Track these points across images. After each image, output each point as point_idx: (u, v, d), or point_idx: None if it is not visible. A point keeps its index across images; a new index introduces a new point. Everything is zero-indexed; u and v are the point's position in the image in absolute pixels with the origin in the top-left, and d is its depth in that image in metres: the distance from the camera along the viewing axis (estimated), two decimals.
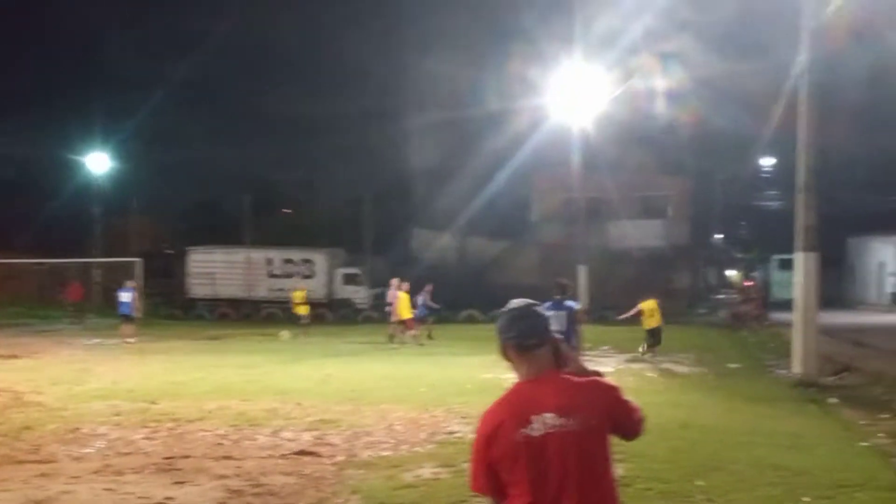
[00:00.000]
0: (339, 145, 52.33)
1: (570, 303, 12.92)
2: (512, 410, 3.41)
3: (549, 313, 9.54)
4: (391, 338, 26.39)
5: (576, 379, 3.51)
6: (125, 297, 27.68)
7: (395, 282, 27.20)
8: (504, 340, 3.55)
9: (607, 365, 20.04)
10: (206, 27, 70.40)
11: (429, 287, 28.17)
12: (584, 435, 3.37)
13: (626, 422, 3.59)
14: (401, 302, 26.10)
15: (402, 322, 26.26)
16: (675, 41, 32.66)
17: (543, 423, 3.36)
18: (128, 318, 27.60)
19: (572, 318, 12.65)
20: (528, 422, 3.36)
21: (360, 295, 42.22)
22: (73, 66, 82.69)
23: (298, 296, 32.48)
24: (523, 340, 3.51)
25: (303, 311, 31.62)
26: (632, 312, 22.49)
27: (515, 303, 3.67)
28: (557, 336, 3.64)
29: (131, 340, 26.67)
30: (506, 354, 3.57)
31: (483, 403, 3.54)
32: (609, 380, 3.64)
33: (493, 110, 41.78)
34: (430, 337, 27.38)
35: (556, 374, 3.50)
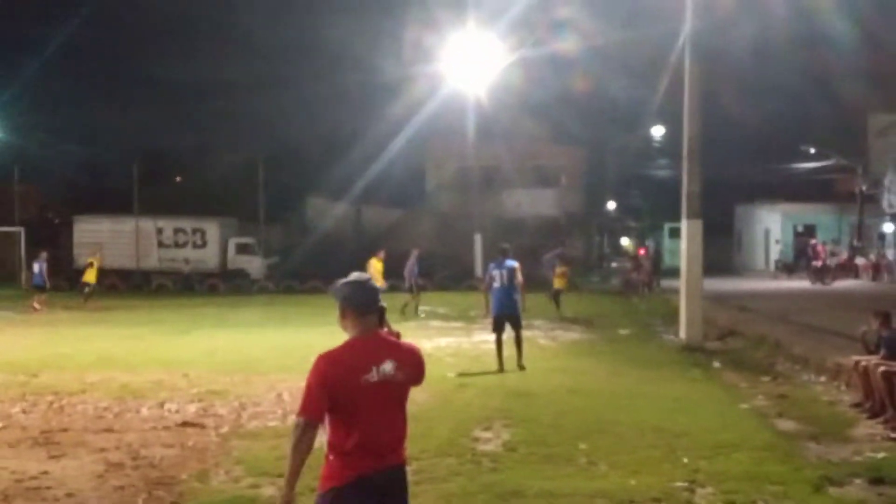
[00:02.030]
0: (232, 112, 51.34)
1: (510, 262, 14.57)
2: (353, 359, 4.23)
3: (494, 272, 13.44)
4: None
5: (400, 341, 4.43)
6: (36, 267, 28.28)
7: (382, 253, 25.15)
8: (346, 305, 4.35)
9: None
10: None
11: (416, 252, 26.50)
12: (404, 385, 4.35)
13: (421, 378, 4.50)
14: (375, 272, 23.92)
15: None
16: (566, 9, 32.89)
17: (381, 372, 4.23)
18: (39, 289, 28.10)
19: (512, 275, 14.45)
20: (368, 370, 4.21)
21: (253, 265, 41.62)
22: None
23: (91, 261, 30.92)
24: (365, 306, 4.34)
25: (90, 278, 30.25)
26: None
27: (357, 275, 4.51)
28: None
29: (38, 308, 27.02)
30: (344, 315, 4.36)
31: None
32: (417, 347, 4.52)
33: (388, 78, 41.57)
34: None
35: (384, 335, 4.39)
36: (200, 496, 7.48)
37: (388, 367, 4.25)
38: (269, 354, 16.59)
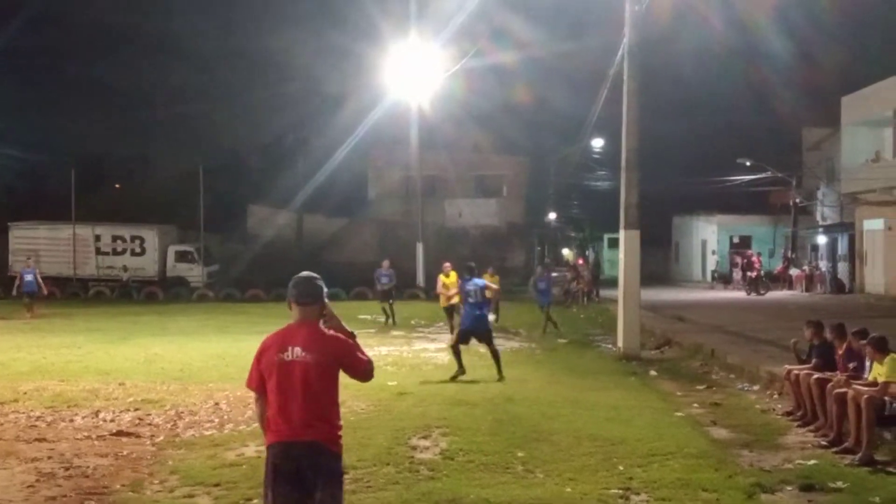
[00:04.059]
0: (173, 121, 50.81)
1: (478, 280, 15.25)
2: (278, 340, 5.10)
3: (468, 287, 15.06)
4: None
5: (325, 330, 5.13)
6: (28, 276, 28.32)
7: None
8: (289, 296, 5.18)
9: (440, 341, 20.24)
10: None
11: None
12: (314, 366, 4.98)
13: (352, 369, 5.16)
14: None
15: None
16: (508, 21, 33.14)
17: (293, 352, 5.00)
18: (33, 296, 28.36)
19: (482, 292, 15.15)
20: (285, 349, 5.02)
21: (193, 273, 41.18)
22: None
23: None
24: (300, 297, 5.15)
25: None
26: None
27: (303, 273, 5.28)
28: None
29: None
30: (289, 305, 5.17)
31: None
32: (346, 339, 5.16)
33: (331, 88, 41.46)
34: None
35: (314, 324, 5.11)
36: None
37: (299, 349, 4.99)
38: (207, 363, 16.43)
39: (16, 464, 8.72)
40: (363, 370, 5.17)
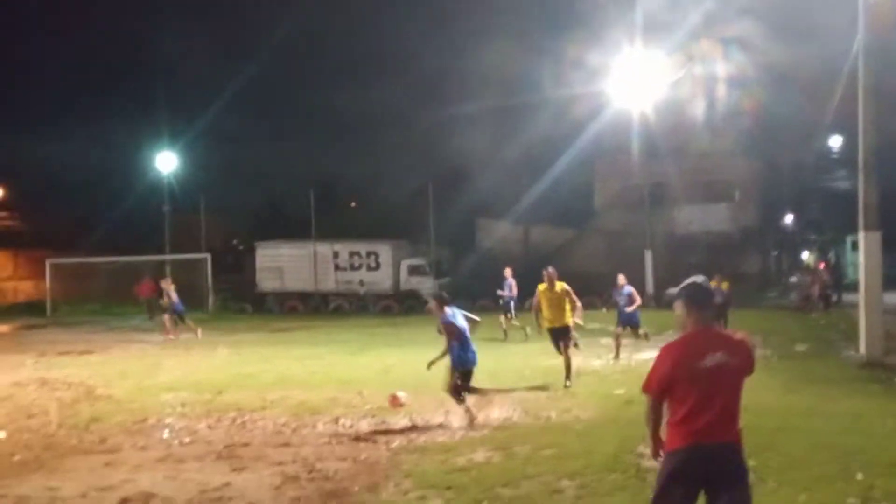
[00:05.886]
0: (401, 137, 52.47)
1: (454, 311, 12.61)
2: (691, 348, 5.24)
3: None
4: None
5: (733, 334, 5.44)
6: (175, 296, 27.12)
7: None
8: (688, 301, 5.33)
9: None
10: (268, 27, 71.37)
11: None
12: (737, 370, 5.26)
13: (751, 367, 5.39)
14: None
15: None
16: (735, 26, 32.26)
17: (715, 359, 5.15)
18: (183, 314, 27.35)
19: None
20: (703, 357, 5.15)
21: (425, 286, 42.26)
22: (141, 68, 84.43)
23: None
24: (698, 302, 5.34)
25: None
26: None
27: (695, 278, 5.52)
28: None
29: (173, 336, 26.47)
30: (687, 310, 5.33)
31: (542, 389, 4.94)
32: (748, 339, 5.45)
33: (552, 97, 41.58)
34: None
35: (719, 329, 5.48)
36: None
37: (720, 355, 5.16)
38: (439, 373, 16.85)
39: (263, 467, 9.35)
40: (752, 372, 5.44)
